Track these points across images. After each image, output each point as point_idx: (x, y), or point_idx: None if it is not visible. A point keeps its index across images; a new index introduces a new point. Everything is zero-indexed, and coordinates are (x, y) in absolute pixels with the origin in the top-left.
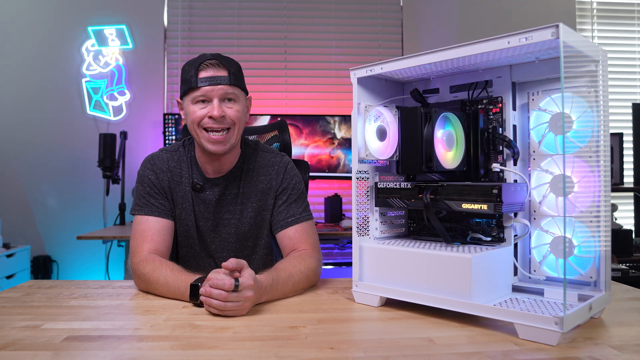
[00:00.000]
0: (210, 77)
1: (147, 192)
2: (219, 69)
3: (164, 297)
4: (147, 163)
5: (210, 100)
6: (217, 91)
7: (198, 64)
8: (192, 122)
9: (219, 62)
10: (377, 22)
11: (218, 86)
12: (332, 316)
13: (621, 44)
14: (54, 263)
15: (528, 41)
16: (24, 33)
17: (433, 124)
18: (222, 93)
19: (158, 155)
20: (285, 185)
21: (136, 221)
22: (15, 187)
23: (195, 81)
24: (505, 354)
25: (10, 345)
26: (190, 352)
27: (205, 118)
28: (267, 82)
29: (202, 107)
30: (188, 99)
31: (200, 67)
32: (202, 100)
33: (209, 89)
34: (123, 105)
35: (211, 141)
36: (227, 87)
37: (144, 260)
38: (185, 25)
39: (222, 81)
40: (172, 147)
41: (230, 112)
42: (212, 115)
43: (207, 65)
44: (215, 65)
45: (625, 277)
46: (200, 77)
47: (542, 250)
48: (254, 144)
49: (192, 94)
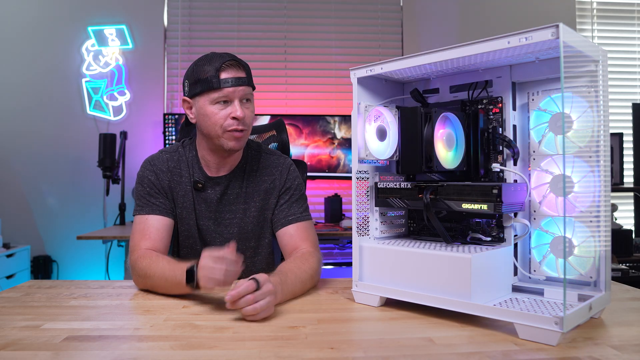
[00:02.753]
0: (233, 78)
1: (147, 192)
2: (239, 70)
3: (163, 292)
4: (147, 164)
5: (231, 100)
6: (238, 92)
7: (219, 64)
8: (214, 123)
9: (238, 63)
10: (377, 22)
11: (240, 87)
12: (332, 316)
13: (621, 44)
14: (54, 263)
15: (528, 41)
16: (24, 33)
17: (433, 124)
18: (243, 94)
19: (157, 157)
20: (289, 186)
21: (136, 221)
22: (15, 187)
23: (218, 82)
24: (505, 354)
25: (10, 345)
26: (190, 352)
27: (229, 119)
28: (267, 82)
29: (222, 107)
30: (205, 99)
31: (221, 68)
32: (223, 101)
33: (232, 91)
34: (123, 105)
35: (234, 138)
36: (246, 87)
37: (141, 256)
38: (185, 25)
39: (243, 82)
40: (171, 148)
41: (248, 113)
42: (236, 116)
43: (228, 65)
44: (236, 65)
45: (625, 277)
46: (222, 77)
47: (542, 250)
48: (257, 146)
49: (211, 95)
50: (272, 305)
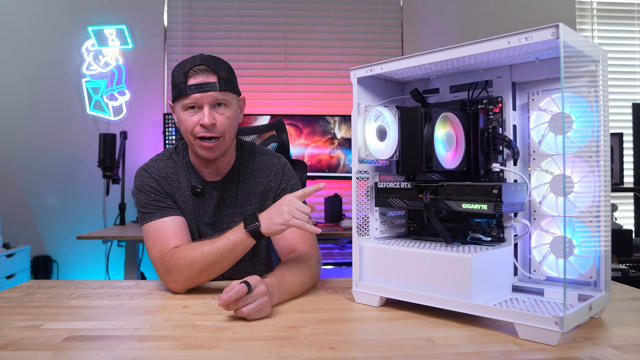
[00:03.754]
0: (200, 84)
1: (153, 198)
2: (208, 75)
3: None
4: (143, 172)
5: (200, 107)
6: (207, 98)
7: (187, 70)
8: (185, 130)
9: (208, 68)
10: (377, 22)
11: (208, 93)
12: (332, 316)
13: (621, 44)
14: (54, 263)
15: (528, 41)
16: (24, 33)
17: (433, 124)
18: (212, 100)
19: (152, 165)
20: (284, 187)
21: (150, 228)
22: (15, 187)
23: (185, 88)
24: (505, 354)
25: (10, 345)
26: (190, 352)
27: (197, 126)
28: (267, 82)
29: (193, 113)
30: (178, 105)
31: (189, 74)
32: (192, 107)
33: (199, 97)
34: (123, 105)
35: (204, 147)
36: (217, 93)
37: (176, 251)
38: (185, 25)
39: (212, 88)
40: (164, 156)
41: (221, 120)
42: (202, 123)
43: (196, 71)
44: (204, 71)
45: (625, 277)
46: (189, 84)
47: (542, 250)
48: (250, 146)
49: (182, 101)
50: (267, 306)
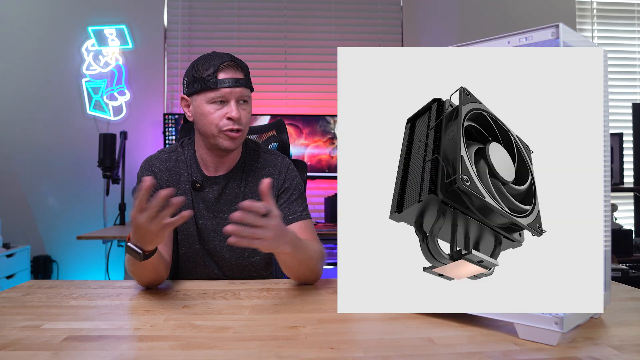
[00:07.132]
0: (230, 79)
1: None
2: (237, 71)
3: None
4: (145, 164)
5: (227, 101)
6: (235, 93)
7: (217, 64)
8: (209, 122)
9: (237, 64)
10: (377, 22)
11: (237, 88)
12: (332, 316)
13: (621, 44)
14: (54, 263)
15: (528, 41)
16: (24, 33)
17: None
18: (239, 95)
19: (156, 157)
20: (288, 185)
21: None
22: (15, 187)
23: (215, 82)
24: (505, 354)
25: (10, 345)
26: (190, 352)
27: (224, 120)
28: (267, 82)
29: (218, 107)
30: (202, 98)
31: (219, 68)
32: (220, 101)
33: (228, 91)
34: (123, 105)
35: (229, 137)
36: (243, 89)
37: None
38: (185, 25)
39: (241, 84)
40: (170, 148)
41: (244, 114)
42: (231, 116)
43: (226, 66)
44: (234, 66)
45: (625, 277)
46: (219, 78)
47: None
48: (255, 145)
49: (208, 94)
50: (269, 235)
